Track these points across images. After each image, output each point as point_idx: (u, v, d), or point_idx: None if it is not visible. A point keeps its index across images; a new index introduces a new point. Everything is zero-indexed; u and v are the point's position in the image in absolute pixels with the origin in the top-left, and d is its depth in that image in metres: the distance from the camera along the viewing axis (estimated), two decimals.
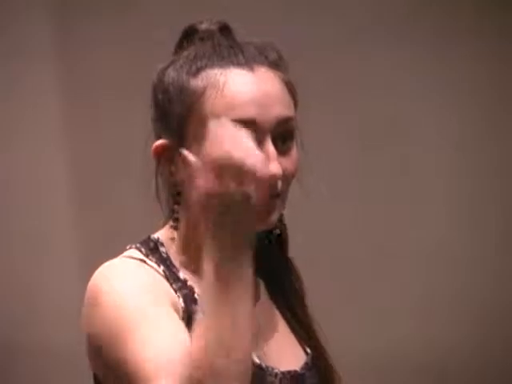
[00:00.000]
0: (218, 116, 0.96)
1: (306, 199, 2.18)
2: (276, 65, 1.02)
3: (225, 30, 1.05)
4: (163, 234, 1.04)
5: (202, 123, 0.97)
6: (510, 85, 2.32)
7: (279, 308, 1.11)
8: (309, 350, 1.09)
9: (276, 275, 1.11)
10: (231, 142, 0.85)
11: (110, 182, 2.32)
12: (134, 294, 0.92)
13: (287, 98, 1.01)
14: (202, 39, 1.03)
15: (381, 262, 2.33)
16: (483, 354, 2.31)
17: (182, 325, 0.91)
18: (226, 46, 1.02)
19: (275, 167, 0.97)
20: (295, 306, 1.11)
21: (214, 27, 1.04)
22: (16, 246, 2.46)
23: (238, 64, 1.00)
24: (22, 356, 2.41)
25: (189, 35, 1.04)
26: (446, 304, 2.33)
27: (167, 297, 0.95)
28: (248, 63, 1.00)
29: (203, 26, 1.04)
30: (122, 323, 0.90)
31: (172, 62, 1.03)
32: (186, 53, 1.02)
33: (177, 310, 0.95)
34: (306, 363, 1.07)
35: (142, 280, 0.95)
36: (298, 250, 1.20)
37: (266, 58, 1.02)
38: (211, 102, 0.98)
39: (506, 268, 2.32)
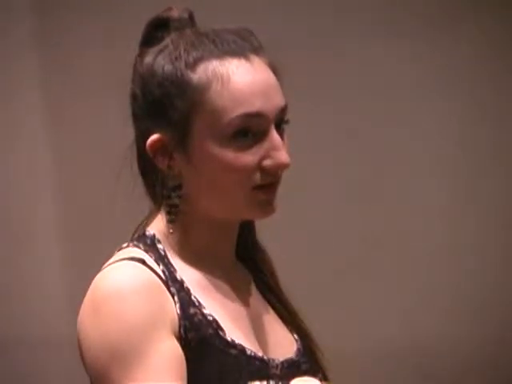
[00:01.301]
0: (225, 111, 0.97)
1: (301, 195, 2.18)
2: (260, 50, 1.03)
3: (192, 17, 1.05)
4: (157, 229, 1.03)
5: (209, 118, 0.98)
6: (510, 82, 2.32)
7: (262, 293, 1.11)
8: (296, 336, 1.10)
9: (252, 261, 1.12)
10: None
11: (94, 176, 2.32)
12: (136, 320, 0.92)
13: (278, 84, 1.02)
14: (177, 28, 1.02)
15: (374, 260, 2.33)
16: (477, 355, 2.31)
17: (174, 368, 0.91)
18: (211, 34, 1.01)
19: (285, 156, 0.99)
20: (276, 289, 1.12)
21: (185, 15, 1.04)
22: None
23: (234, 53, 1.00)
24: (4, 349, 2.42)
25: (161, 25, 1.03)
26: (436, 304, 2.33)
27: (167, 318, 0.94)
28: (242, 52, 1.00)
29: (175, 15, 1.03)
30: (118, 355, 0.90)
31: (157, 54, 1.01)
32: (170, 43, 1.01)
33: (174, 329, 0.94)
34: (299, 349, 1.08)
35: (144, 302, 0.93)
36: (288, 247, 1.20)
37: (251, 44, 1.02)
38: (218, 96, 0.98)
39: (504, 269, 2.32)
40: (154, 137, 1.00)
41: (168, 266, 1.00)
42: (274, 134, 0.99)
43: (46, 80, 2.45)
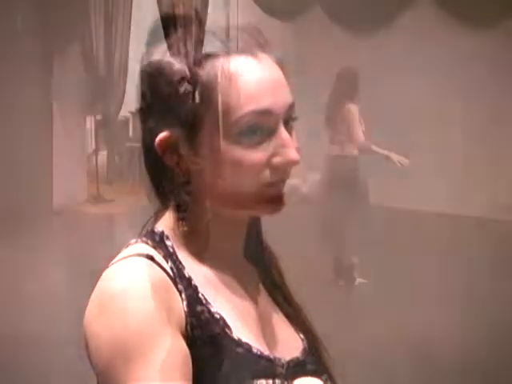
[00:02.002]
0: (234, 108, 0.96)
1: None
2: (267, 48, 1.01)
3: (198, 15, 1.03)
4: (166, 226, 1.03)
5: (218, 116, 0.97)
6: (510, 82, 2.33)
7: (269, 293, 1.11)
8: (302, 335, 1.10)
9: (259, 260, 1.11)
10: None
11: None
12: (143, 319, 0.91)
13: (285, 81, 1.01)
14: (183, 26, 1.01)
15: (375, 260, 2.34)
16: (477, 355, 2.31)
17: (179, 367, 0.90)
18: (218, 32, 1.00)
19: (294, 153, 0.99)
20: (283, 288, 1.12)
21: (191, 13, 1.02)
22: None
23: (241, 50, 0.99)
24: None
25: (168, 22, 1.01)
26: (439, 304, 2.33)
27: (173, 316, 0.93)
28: (250, 49, 0.99)
29: (180, 12, 1.02)
30: (123, 354, 0.89)
31: (165, 52, 1.00)
32: (177, 41, 0.99)
33: (180, 327, 0.94)
34: (304, 348, 1.08)
35: (151, 300, 0.92)
36: (288, 246, 1.20)
37: (258, 42, 1.01)
38: (226, 94, 0.97)
39: (501, 270, 2.33)
40: (163, 135, 1.00)
41: (176, 262, 0.99)
42: (283, 131, 0.99)
43: None
